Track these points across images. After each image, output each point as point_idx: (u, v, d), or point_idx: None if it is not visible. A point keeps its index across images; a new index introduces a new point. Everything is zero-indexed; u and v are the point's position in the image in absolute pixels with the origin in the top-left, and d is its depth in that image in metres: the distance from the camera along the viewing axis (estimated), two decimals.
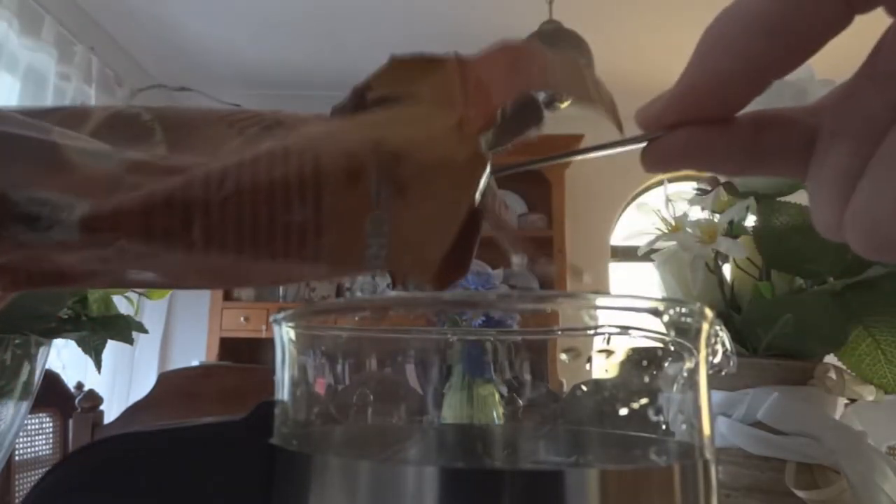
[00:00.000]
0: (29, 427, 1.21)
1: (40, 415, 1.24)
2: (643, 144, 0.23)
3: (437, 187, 0.21)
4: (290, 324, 0.25)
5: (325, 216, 0.20)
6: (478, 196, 0.22)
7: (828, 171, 0.18)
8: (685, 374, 0.23)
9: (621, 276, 3.24)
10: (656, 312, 0.22)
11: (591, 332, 0.23)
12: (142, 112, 0.24)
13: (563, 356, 0.25)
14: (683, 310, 0.23)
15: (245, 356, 3.00)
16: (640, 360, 0.24)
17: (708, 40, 0.19)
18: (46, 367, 0.54)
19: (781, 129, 0.21)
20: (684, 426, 0.24)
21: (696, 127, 0.21)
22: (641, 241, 0.61)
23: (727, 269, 0.60)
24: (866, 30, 0.22)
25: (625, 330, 0.23)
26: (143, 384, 2.72)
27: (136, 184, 0.20)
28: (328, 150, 0.21)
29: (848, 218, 0.17)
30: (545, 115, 0.25)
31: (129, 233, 0.20)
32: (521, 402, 0.28)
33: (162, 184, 0.20)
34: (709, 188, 0.59)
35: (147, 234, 0.20)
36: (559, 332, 0.25)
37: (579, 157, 0.25)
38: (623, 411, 0.25)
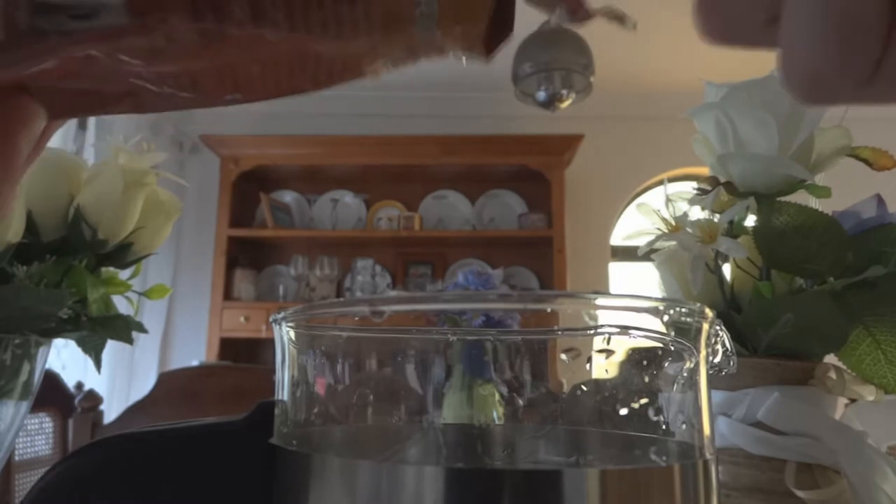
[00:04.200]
0: (29, 427, 1.21)
1: (40, 415, 1.24)
2: None
3: None
4: (290, 324, 0.25)
5: None
6: None
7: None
8: (685, 374, 0.23)
9: (621, 276, 3.25)
10: (656, 312, 0.22)
11: (591, 332, 0.23)
12: None
13: (563, 356, 0.25)
14: (683, 310, 0.23)
15: (245, 356, 3.00)
16: (640, 360, 0.24)
17: None
18: (46, 367, 0.54)
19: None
20: (684, 426, 0.24)
21: None
22: (641, 241, 0.61)
23: (727, 269, 0.60)
24: None
25: (625, 330, 0.23)
26: (143, 384, 2.72)
27: None
28: None
29: (779, 68, 0.17)
30: None
31: (176, 8, 0.19)
32: (521, 402, 0.28)
33: None
34: (709, 188, 0.59)
35: (194, 10, 0.19)
36: (559, 332, 0.25)
37: None
38: (623, 411, 0.25)
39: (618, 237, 3.23)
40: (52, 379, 1.27)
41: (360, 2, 0.20)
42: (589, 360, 0.24)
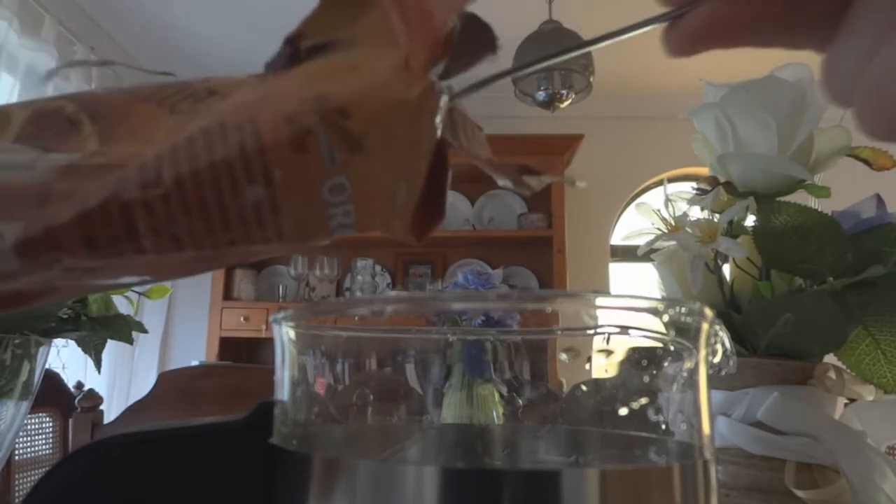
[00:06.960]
0: (29, 427, 1.21)
1: (40, 415, 1.24)
2: (666, 21, 0.21)
3: (394, 133, 0.20)
4: (290, 324, 0.25)
5: (279, 192, 0.19)
6: (439, 131, 0.21)
7: (855, 39, 0.17)
8: (685, 374, 0.23)
9: (621, 276, 3.24)
10: (656, 312, 0.22)
11: (591, 332, 0.23)
12: (65, 104, 0.22)
13: (563, 356, 0.25)
14: (683, 310, 0.23)
15: (245, 356, 2.99)
16: (640, 360, 0.24)
17: None
18: (46, 366, 0.54)
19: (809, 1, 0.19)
20: (684, 426, 0.24)
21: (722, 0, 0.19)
22: (641, 241, 0.61)
23: (727, 269, 0.60)
24: None
25: (625, 330, 0.23)
26: (143, 384, 2.72)
27: (69, 191, 0.18)
28: (267, 118, 0.19)
29: (860, 88, 0.16)
30: (497, 39, 0.23)
31: (69, 250, 0.18)
32: (521, 402, 0.28)
33: (95, 188, 0.18)
34: (709, 188, 0.60)
35: (90, 247, 0.18)
36: (559, 332, 0.25)
37: (599, 46, 0.22)
38: (623, 411, 0.25)
39: (618, 237, 3.23)
40: (52, 379, 1.27)
41: (271, 222, 0.19)
42: (589, 360, 0.24)
